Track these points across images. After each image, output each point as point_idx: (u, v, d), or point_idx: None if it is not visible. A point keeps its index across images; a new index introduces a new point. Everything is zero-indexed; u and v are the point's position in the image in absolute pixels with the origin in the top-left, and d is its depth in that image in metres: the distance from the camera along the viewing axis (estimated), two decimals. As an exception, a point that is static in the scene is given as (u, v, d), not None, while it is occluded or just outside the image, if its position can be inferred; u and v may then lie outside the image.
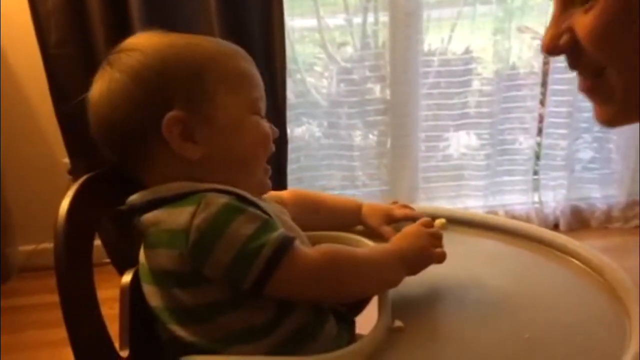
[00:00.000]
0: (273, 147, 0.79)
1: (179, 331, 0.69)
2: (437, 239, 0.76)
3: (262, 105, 0.78)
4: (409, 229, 0.77)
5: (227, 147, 0.73)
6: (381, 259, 0.73)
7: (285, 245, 0.66)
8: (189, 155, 0.71)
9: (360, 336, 0.70)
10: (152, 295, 0.71)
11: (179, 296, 0.68)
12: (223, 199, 0.67)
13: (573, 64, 0.64)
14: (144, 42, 0.74)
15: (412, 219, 0.90)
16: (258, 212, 0.68)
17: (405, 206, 0.95)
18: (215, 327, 0.68)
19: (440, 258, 0.75)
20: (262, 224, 0.66)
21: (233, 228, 0.65)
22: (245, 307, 0.68)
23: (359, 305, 0.88)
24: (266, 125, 0.78)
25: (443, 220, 0.88)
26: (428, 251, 0.74)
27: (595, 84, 0.63)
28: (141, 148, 0.72)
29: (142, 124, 0.71)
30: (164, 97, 0.71)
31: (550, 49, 0.63)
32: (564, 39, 0.62)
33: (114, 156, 0.76)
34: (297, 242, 0.67)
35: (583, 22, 0.59)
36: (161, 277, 0.69)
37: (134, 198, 0.73)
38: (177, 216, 0.66)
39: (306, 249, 0.69)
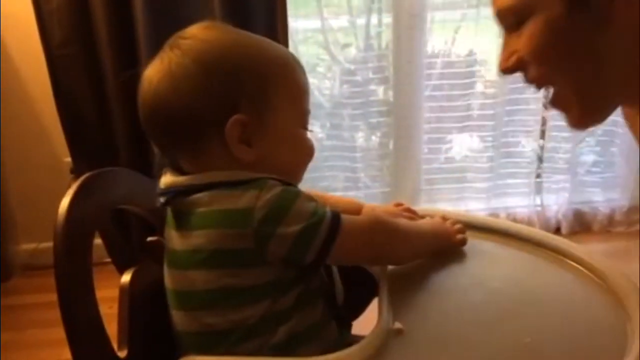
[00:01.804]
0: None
1: (205, 317, 0.70)
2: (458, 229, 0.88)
3: (309, 119, 0.80)
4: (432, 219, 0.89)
5: (276, 155, 0.75)
6: (423, 228, 0.85)
7: (338, 214, 0.72)
8: (242, 157, 0.72)
9: (360, 337, 0.70)
10: (176, 280, 0.72)
11: (218, 278, 0.69)
12: (282, 185, 0.71)
13: (526, 79, 0.75)
14: (213, 34, 0.74)
15: None
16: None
17: (409, 209, 0.95)
18: (250, 313, 0.69)
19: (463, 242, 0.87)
20: (317, 202, 0.72)
21: (298, 204, 0.69)
22: (275, 293, 0.70)
23: (357, 309, 0.88)
24: (310, 138, 0.80)
25: None
26: (453, 236, 0.86)
27: (555, 97, 0.74)
28: (195, 137, 0.72)
29: (204, 116, 0.71)
30: (234, 97, 0.71)
31: (503, 70, 0.76)
32: (512, 60, 0.74)
33: (162, 139, 0.76)
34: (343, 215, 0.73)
35: (521, 43, 0.71)
36: (202, 257, 0.69)
37: (179, 180, 0.73)
38: (238, 197, 0.68)
39: (353, 216, 0.76)
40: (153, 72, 0.73)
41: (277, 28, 2.00)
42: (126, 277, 0.76)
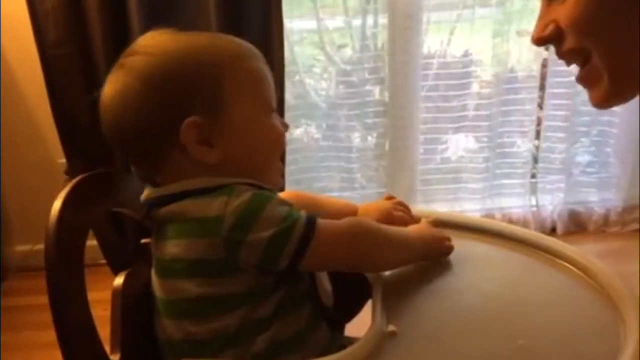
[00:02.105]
0: (286, 144, 0.80)
1: (188, 326, 0.70)
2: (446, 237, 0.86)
3: (274, 101, 0.78)
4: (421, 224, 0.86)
5: (243, 150, 0.74)
6: (407, 234, 0.82)
7: (314, 218, 0.69)
8: (205, 159, 0.71)
9: (354, 340, 0.70)
10: (159, 288, 0.72)
11: (196, 287, 0.68)
12: (252, 189, 0.69)
13: (559, 53, 0.72)
14: (157, 44, 0.73)
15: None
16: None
17: (401, 203, 0.95)
18: (230, 321, 0.68)
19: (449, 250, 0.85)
20: (291, 206, 0.70)
21: (268, 210, 0.67)
22: (253, 300, 0.69)
23: (351, 311, 0.88)
24: (279, 123, 0.78)
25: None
26: (440, 243, 0.84)
27: (585, 71, 0.71)
28: (156, 151, 0.72)
29: (158, 129, 0.71)
30: (181, 103, 0.71)
31: (537, 39, 0.72)
32: (549, 29, 0.70)
33: (127, 156, 0.76)
34: (319, 219, 0.71)
35: (563, 12, 0.68)
36: (178, 266, 0.69)
37: (151, 192, 0.73)
38: (208, 205, 0.67)
39: (332, 221, 0.72)
40: (105, 93, 0.73)
41: (272, 29, 2.00)
42: (119, 280, 0.76)
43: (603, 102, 0.72)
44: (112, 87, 0.73)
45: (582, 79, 0.73)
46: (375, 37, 2.30)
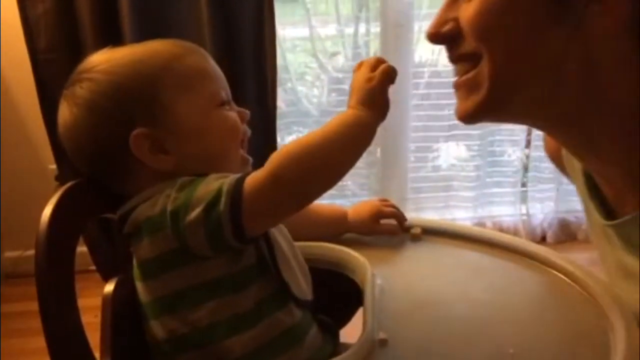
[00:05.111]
0: (248, 131, 0.79)
1: (169, 322, 0.69)
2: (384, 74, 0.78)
3: (224, 93, 0.77)
4: (355, 76, 0.78)
5: (198, 149, 0.74)
6: (336, 122, 0.71)
7: (241, 177, 0.66)
8: (163, 167, 0.72)
9: (345, 346, 0.70)
10: (141, 292, 0.72)
11: (171, 280, 0.69)
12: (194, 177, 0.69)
13: (452, 55, 0.68)
14: (93, 68, 0.75)
15: (400, 219, 0.95)
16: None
17: (392, 205, 0.97)
18: (203, 313, 0.68)
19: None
20: (227, 178, 0.67)
21: (200, 189, 0.66)
22: (225, 291, 0.69)
23: (344, 317, 0.88)
24: (232, 114, 0.77)
25: (418, 230, 0.93)
26: (380, 85, 0.77)
27: (467, 77, 0.67)
28: (116, 169, 0.74)
29: (110, 150, 0.73)
30: (123, 119, 0.72)
31: (434, 35, 0.68)
32: (448, 26, 0.67)
33: (100, 180, 0.77)
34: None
35: (466, 10, 0.64)
36: (148, 267, 0.70)
37: (122, 209, 0.74)
38: (155, 203, 0.69)
39: (257, 170, 0.67)
40: (59, 126, 0.77)
41: (265, 36, 2.00)
42: (109, 287, 0.75)
43: (470, 114, 0.68)
44: (62, 119, 0.76)
45: (460, 85, 0.69)
46: (367, 45, 2.31)
